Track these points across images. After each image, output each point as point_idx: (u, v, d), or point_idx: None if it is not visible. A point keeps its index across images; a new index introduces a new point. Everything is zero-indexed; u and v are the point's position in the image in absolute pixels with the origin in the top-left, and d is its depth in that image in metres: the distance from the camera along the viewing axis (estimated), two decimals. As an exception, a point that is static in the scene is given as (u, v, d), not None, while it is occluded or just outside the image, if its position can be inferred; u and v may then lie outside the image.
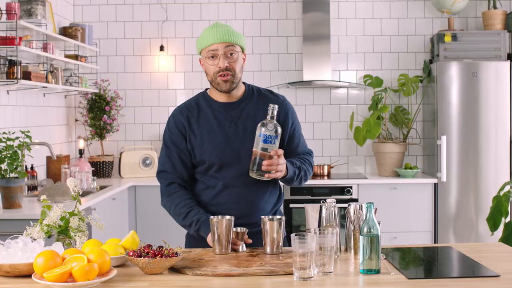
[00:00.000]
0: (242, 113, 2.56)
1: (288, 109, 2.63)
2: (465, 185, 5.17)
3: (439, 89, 5.19)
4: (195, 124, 2.56)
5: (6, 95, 4.29)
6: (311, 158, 2.68)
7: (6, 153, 3.56)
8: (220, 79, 2.49)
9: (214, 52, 2.48)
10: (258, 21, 5.74)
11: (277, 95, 2.66)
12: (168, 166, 2.59)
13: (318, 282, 1.92)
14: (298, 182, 2.59)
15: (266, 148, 2.36)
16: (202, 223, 2.46)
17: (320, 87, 5.73)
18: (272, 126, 2.37)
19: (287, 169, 2.46)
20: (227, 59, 2.47)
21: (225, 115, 2.55)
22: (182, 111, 2.60)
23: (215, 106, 2.57)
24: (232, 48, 2.48)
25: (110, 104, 5.53)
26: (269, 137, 2.36)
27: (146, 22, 5.76)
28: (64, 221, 2.17)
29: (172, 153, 2.58)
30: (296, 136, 2.64)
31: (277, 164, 2.37)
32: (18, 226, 3.34)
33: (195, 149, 2.55)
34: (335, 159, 5.77)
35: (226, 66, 2.47)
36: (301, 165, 2.58)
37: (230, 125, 2.54)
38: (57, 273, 1.83)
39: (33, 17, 4.36)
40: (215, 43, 2.47)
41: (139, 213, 5.13)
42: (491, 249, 2.46)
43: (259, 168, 2.36)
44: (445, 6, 5.34)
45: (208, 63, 2.50)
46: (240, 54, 2.52)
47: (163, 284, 1.92)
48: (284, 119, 2.60)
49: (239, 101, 2.58)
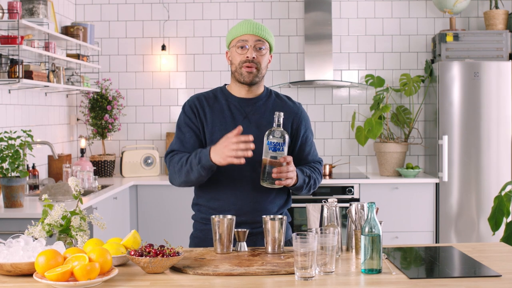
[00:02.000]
0: (257, 110, 2.57)
1: (303, 116, 2.64)
2: (467, 185, 5.17)
3: (440, 89, 5.19)
4: (209, 113, 2.57)
5: (7, 94, 4.29)
6: (321, 167, 2.68)
7: (7, 152, 3.56)
8: (245, 70, 2.51)
9: (244, 43, 2.51)
10: (260, 20, 5.73)
11: (294, 101, 2.68)
12: (176, 146, 2.57)
13: (320, 282, 1.92)
14: (307, 191, 2.58)
15: (275, 156, 2.36)
16: (202, 150, 2.41)
17: (321, 87, 5.73)
18: (279, 133, 2.37)
19: (297, 177, 2.46)
20: (255, 52, 2.51)
21: (239, 109, 2.57)
22: (199, 98, 2.62)
23: (231, 100, 2.59)
24: (262, 43, 2.52)
25: (111, 103, 5.53)
26: (277, 145, 2.36)
27: (148, 21, 5.76)
28: (66, 220, 2.17)
29: (184, 135, 2.57)
30: (308, 145, 2.65)
31: (287, 171, 2.36)
32: (19, 225, 3.35)
33: (206, 135, 2.55)
34: (337, 158, 5.77)
35: (253, 58, 2.50)
36: (311, 174, 2.58)
37: (243, 120, 2.55)
38: (58, 272, 1.84)
39: (35, 16, 4.36)
40: (247, 34, 2.51)
41: (140, 212, 5.13)
42: (493, 249, 2.46)
43: (269, 176, 2.36)
44: (447, 6, 5.34)
45: (236, 52, 2.53)
46: (267, 52, 2.56)
47: (165, 283, 1.92)
48: (298, 125, 2.62)
49: (256, 98, 2.60)
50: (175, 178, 2.53)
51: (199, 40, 5.76)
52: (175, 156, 2.53)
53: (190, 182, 2.49)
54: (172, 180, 2.56)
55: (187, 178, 2.47)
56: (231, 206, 2.51)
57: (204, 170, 2.40)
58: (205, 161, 2.38)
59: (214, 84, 5.62)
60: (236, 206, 2.51)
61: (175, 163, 2.50)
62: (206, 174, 2.43)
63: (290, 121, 2.60)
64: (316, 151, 2.71)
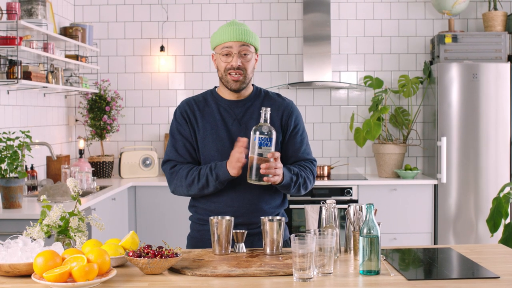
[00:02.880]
0: (247, 112, 2.58)
1: (293, 111, 2.63)
2: (465, 187, 5.17)
3: (439, 91, 5.19)
4: (200, 117, 2.58)
5: (6, 95, 4.29)
6: (313, 166, 2.62)
7: (6, 153, 3.56)
8: (230, 78, 2.52)
9: (228, 50, 2.51)
10: (259, 21, 5.74)
11: (284, 98, 2.67)
12: (172, 155, 2.59)
13: (318, 283, 1.92)
14: (296, 190, 2.53)
15: (261, 153, 2.34)
16: (216, 166, 2.45)
17: (320, 88, 5.73)
18: (266, 128, 2.34)
19: (283, 175, 2.43)
20: (240, 59, 2.50)
21: (229, 112, 2.57)
22: (189, 103, 2.62)
23: (221, 103, 2.60)
24: (246, 48, 2.52)
25: (110, 104, 5.53)
26: (264, 140, 2.34)
27: (147, 22, 5.76)
28: (64, 221, 2.17)
29: (178, 142, 2.58)
30: (298, 140, 2.62)
31: (275, 167, 2.34)
32: (18, 226, 3.35)
33: (198, 141, 2.56)
34: (335, 160, 5.77)
35: (239, 66, 2.50)
36: (300, 172, 2.53)
37: (233, 122, 2.56)
38: (56, 273, 1.83)
39: (34, 17, 4.36)
40: (231, 41, 2.50)
41: (139, 213, 5.13)
42: (491, 250, 2.46)
43: (257, 172, 2.34)
44: (446, 7, 5.34)
45: (221, 60, 2.53)
46: (253, 55, 2.56)
47: (163, 284, 1.91)
48: (287, 119, 2.60)
49: (245, 100, 2.60)
50: (182, 191, 2.56)
51: (197, 41, 5.76)
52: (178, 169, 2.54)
53: (201, 194, 2.53)
54: (177, 192, 2.58)
55: (201, 192, 2.51)
56: (228, 208, 2.51)
57: (221, 185, 2.46)
58: (224, 177, 2.43)
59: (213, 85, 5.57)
60: (232, 208, 2.51)
61: (182, 178, 2.52)
62: (221, 187, 2.48)
63: (280, 115, 2.59)
64: (309, 150, 2.67)
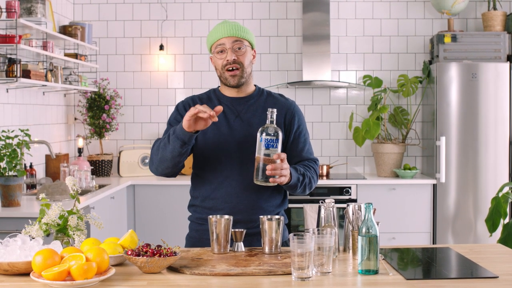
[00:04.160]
0: (249, 108, 2.58)
1: (295, 112, 2.64)
2: (464, 186, 5.18)
3: (438, 90, 5.19)
4: None
5: (5, 93, 4.28)
6: (316, 166, 2.63)
7: (5, 151, 3.55)
8: (228, 74, 2.53)
9: (222, 47, 2.52)
10: (258, 20, 5.74)
11: (287, 98, 2.68)
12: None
13: (316, 282, 1.92)
14: (302, 190, 2.53)
15: (268, 154, 2.33)
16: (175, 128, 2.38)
17: (319, 87, 5.73)
18: (272, 130, 2.34)
19: (291, 175, 2.43)
20: (234, 53, 2.51)
21: (231, 109, 2.58)
22: (193, 99, 2.64)
23: (223, 100, 2.60)
24: (240, 43, 2.52)
25: (109, 103, 5.53)
26: (270, 141, 2.33)
27: (146, 21, 5.76)
28: (63, 219, 2.17)
29: None
30: (302, 141, 2.62)
31: (281, 168, 2.33)
32: (16, 225, 3.35)
33: (198, 136, 2.55)
34: (334, 159, 5.77)
35: (234, 59, 2.50)
36: (306, 172, 2.54)
37: (235, 118, 2.56)
38: (55, 272, 1.83)
39: (33, 15, 4.36)
40: (223, 38, 2.51)
41: (137, 212, 5.13)
42: (490, 250, 2.46)
43: (263, 173, 2.33)
44: (445, 7, 5.34)
45: (216, 57, 2.54)
46: (248, 49, 2.56)
47: (162, 283, 1.91)
48: (291, 119, 2.61)
49: (248, 97, 2.61)
50: (156, 160, 2.47)
51: (197, 40, 5.76)
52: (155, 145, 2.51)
53: (165, 160, 2.43)
54: (150, 165, 2.52)
55: (166, 155, 2.41)
56: (225, 205, 2.51)
57: (179, 142, 2.36)
58: (179, 131, 2.35)
59: (212, 84, 5.60)
60: (230, 205, 2.50)
61: (156, 148, 2.48)
62: (180, 146, 2.37)
63: (283, 116, 2.59)
64: (311, 150, 2.68)
